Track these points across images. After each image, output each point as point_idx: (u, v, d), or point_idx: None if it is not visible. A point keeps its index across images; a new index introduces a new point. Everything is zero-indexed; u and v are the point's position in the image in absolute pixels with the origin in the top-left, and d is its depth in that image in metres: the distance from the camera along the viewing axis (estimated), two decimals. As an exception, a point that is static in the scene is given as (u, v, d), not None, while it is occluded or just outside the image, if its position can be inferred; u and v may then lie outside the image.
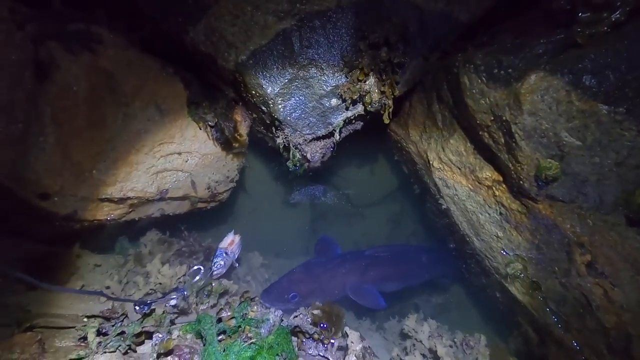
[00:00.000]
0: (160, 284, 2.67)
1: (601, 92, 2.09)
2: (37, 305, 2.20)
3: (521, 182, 2.38)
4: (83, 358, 1.75)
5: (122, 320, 2.03)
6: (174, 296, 2.36)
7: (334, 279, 3.39)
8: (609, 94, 2.09)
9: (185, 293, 2.41)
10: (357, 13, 2.65)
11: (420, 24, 2.80)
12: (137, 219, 3.01)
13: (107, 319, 2.10)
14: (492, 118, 2.40)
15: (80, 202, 2.61)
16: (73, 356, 1.74)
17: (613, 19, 2.09)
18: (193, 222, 3.53)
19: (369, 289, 3.37)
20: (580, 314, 2.24)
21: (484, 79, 2.37)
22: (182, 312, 2.37)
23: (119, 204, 2.79)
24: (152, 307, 2.20)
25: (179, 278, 2.70)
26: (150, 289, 2.66)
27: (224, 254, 2.89)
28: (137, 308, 2.16)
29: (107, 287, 2.62)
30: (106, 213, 2.78)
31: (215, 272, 2.80)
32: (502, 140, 2.40)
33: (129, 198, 2.76)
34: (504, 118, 2.31)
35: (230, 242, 3.03)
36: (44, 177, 2.41)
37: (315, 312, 2.44)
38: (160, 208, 3.07)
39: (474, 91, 2.44)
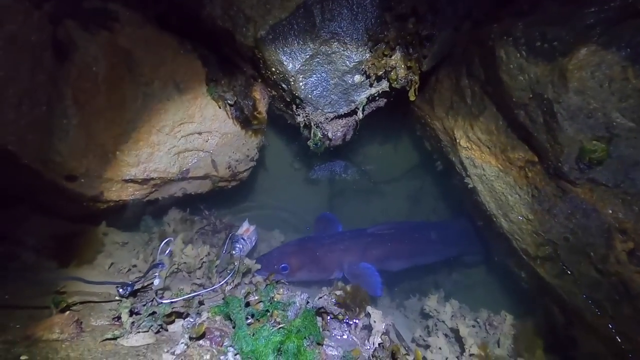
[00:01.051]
0: (185, 263, 2.72)
1: (663, 68, 1.89)
2: (71, 283, 2.28)
3: (560, 164, 2.24)
4: (118, 337, 1.81)
5: (152, 300, 2.08)
6: (156, 273, 2.26)
7: (330, 254, 3.17)
8: (671, 70, 1.89)
9: (164, 267, 2.33)
10: (384, -19, 2.46)
11: (452, -9, 2.58)
12: (160, 198, 3.04)
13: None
14: (531, 96, 2.24)
15: (106, 183, 2.64)
16: (109, 335, 1.80)
17: (681, -17, 1.85)
18: (214, 201, 3.56)
19: (369, 271, 3.10)
20: (616, 301, 2.16)
21: (523, 52, 2.19)
22: (166, 288, 2.30)
23: (143, 185, 2.81)
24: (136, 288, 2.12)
25: (202, 258, 2.74)
26: (175, 268, 2.72)
27: (242, 239, 2.98)
28: (121, 290, 2.05)
29: (134, 266, 2.69)
30: (131, 193, 2.81)
31: (235, 255, 2.88)
32: (541, 119, 2.24)
33: (152, 179, 2.78)
34: (545, 96, 2.14)
35: (246, 229, 3.10)
36: (69, 160, 2.43)
37: (339, 292, 2.46)
38: (182, 187, 3.10)
39: (511, 66, 2.26)
